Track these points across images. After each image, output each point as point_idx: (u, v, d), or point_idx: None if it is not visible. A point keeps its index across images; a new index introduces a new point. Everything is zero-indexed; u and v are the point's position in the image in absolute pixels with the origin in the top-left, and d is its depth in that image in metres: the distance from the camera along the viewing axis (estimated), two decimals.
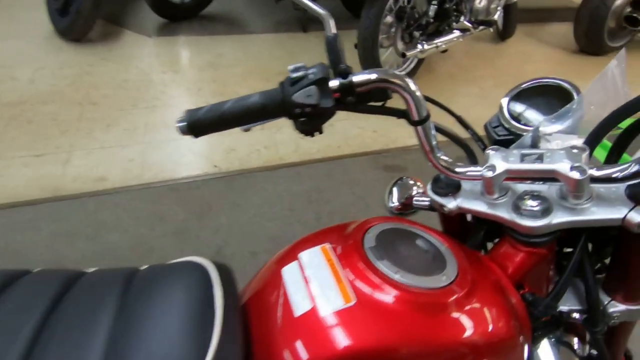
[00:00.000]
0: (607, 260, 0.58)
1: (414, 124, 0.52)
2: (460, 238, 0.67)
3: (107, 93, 2.44)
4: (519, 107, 0.62)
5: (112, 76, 2.60)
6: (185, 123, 0.50)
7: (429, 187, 0.60)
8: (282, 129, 2.32)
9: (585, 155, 0.44)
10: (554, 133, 0.51)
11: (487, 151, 0.51)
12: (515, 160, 0.48)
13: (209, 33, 3.27)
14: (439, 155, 0.54)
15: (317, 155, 2.16)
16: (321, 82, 0.47)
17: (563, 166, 0.44)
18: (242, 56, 3.02)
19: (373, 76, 0.48)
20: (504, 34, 3.58)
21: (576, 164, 0.43)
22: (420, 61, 2.77)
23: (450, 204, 0.56)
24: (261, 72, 2.84)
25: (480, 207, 0.53)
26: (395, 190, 0.78)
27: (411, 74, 2.78)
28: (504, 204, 0.51)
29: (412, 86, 0.49)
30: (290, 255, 0.52)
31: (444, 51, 2.82)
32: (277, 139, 2.24)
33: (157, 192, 1.81)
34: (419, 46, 2.52)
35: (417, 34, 2.53)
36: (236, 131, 0.56)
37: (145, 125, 2.22)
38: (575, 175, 0.43)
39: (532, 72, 3.22)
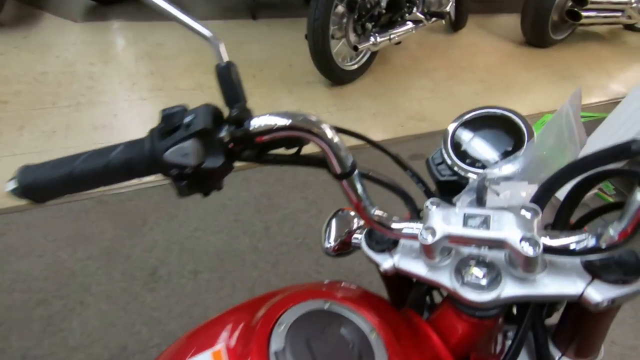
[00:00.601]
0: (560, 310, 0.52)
1: (337, 177, 0.41)
2: (402, 291, 0.59)
3: (19, 89, 2.11)
4: (465, 135, 0.54)
5: (27, 68, 2.26)
6: (17, 185, 0.36)
7: (362, 239, 0.50)
8: None
9: (537, 220, 0.36)
10: (502, 182, 0.43)
11: (427, 206, 0.42)
12: (458, 223, 0.39)
13: (147, 18, 2.95)
14: (371, 209, 0.44)
15: None
16: (204, 135, 0.35)
17: (513, 236, 0.36)
18: (184, 46, 2.76)
19: (278, 123, 0.36)
20: (456, 25, 3.58)
21: (527, 235, 0.35)
22: (374, 54, 2.69)
23: (386, 262, 0.47)
24: (207, 64, 2.61)
25: (419, 269, 0.44)
26: (333, 224, 0.68)
27: (365, 66, 2.69)
28: (447, 266, 0.43)
29: (330, 133, 0.38)
30: (179, 357, 0.40)
31: (398, 43, 2.76)
32: None
33: (81, 207, 1.59)
34: (372, 39, 2.42)
35: (369, 25, 2.43)
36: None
37: (67, 127, 1.95)
38: (528, 251, 0.34)
39: (482, 65, 3.26)
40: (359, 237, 0.63)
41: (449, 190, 0.52)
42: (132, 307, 1.32)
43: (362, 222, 0.69)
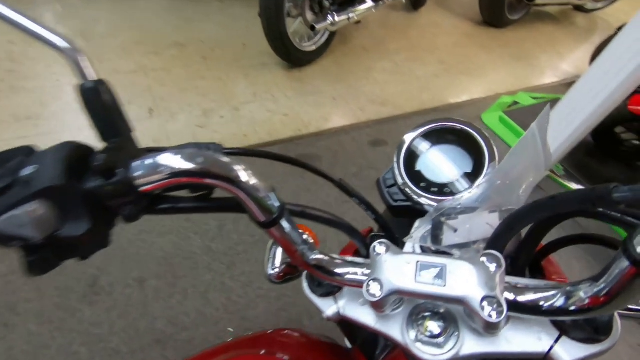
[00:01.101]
0: None
1: (262, 226, 0.33)
2: (353, 327, 0.53)
3: None
4: (421, 150, 0.47)
5: None
6: None
7: (304, 281, 0.43)
8: (176, 115, 1.97)
9: (500, 274, 0.30)
10: (460, 216, 0.36)
11: (374, 250, 0.35)
12: (409, 274, 0.32)
13: None
14: (308, 253, 0.36)
15: None
16: (54, 193, 0.24)
17: (473, 295, 0.29)
18: (123, 23, 2.48)
19: (173, 167, 0.27)
20: (416, 3, 3.51)
21: (490, 293, 0.29)
22: (333, 34, 2.56)
23: (330, 309, 0.40)
24: (149, 43, 2.37)
25: (367, 318, 0.38)
26: (279, 248, 0.60)
27: (324, 47, 2.57)
28: (398, 316, 0.36)
29: (245, 176, 0.29)
30: None
31: (358, 22, 2.65)
32: (170, 130, 1.89)
33: None
34: (330, 18, 2.29)
35: (327, 3, 2.29)
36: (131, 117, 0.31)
37: None
38: (490, 314, 0.28)
39: (442, 45, 3.23)
40: None
41: (402, 213, 0.45)
42: (69, 324, 1.18)
43: (311, 236, 0.62)
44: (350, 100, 2.41)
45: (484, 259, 0.31)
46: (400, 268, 0.32)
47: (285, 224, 0.33)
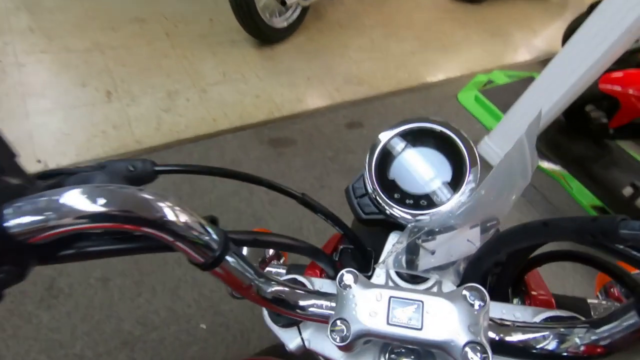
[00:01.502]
0: None
1: (204, 268, 0.27)
2: None
3: None
4: (397, 150, 0.41)
5: None
6: None
7: (264, 309, 0.37)
8: (138, 98, 1.83)
9: (484, 313, 0.26)
10: (438, 236, 0.31)
11: (340, 282, 0.29)
12: (381, 312, 0.27)
13: None
14: (264, 286, 0.31)
15: (187, 134, 1.76)
16: None
17: (454, 341, 0.25)
18: None
19: (65, 211, 0.21)
20: None
21: (473, 338, 0.25)
22: (306, 9, 2.42)
23: (293, 342, 0.35)
24: (105, 18, 2.16)
25: (335, 353, 0.33)
26: (244, 252, 0.55)
27: (296, 23, 2.43)
28: (369, 351, 0.32)
29: (172, 215, 0.23)
30: None
31: None
32: (131, 115, 1.75)
33: None
34: None
35: None
36: (72, 103, 0.24)
37: None
38: None
39: (419, 21, 3.14)
40: (274, 271, 0.50)
41: (375, 226, 0.40)
42: (25, 331, 1.10)
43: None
44: (326, 79, 2.32)
45: (466, 293, 0.26)
46: (370, 305, 0.27)
47: (231, 258, 0.28)
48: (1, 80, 1.70)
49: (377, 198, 0.37)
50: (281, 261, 0.56)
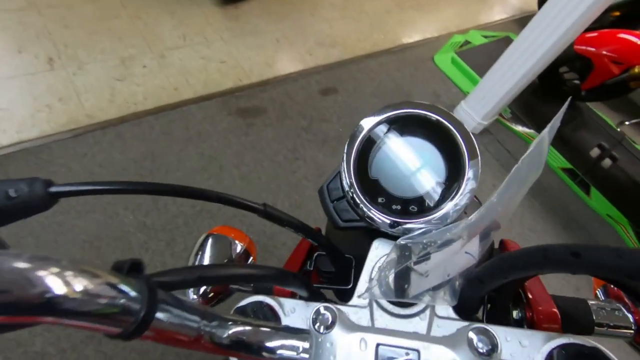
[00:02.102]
0: None
1: (125, 338, 0.19)
2: None
3: None
4: (383, 134, 0.34)
5: None
6: None
7: None
8: (86, 66, 1.63)
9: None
10: (433, 253, 0.25)
11: (315, 319, 0.23)
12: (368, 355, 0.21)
13: None
14: (218, 331, 0.24)
15: (146, 105, 1.61)
16: None
17: None
18: None
19: None
20: None
21: None
22: None
23: None
24: None
25: None
26: (207, 253, 0.48)
27: None
28: None
29: (62, 288, 0.15)
30: None
31: None
32: (79, 85, 1.57)
33: None
34: None
35: None
36: (7, 73, 0.15)
37: None
38: None
39: None
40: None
41: (355, 233, 0.34)
42: None
43: (245, 244, 0.50)
44: (297, 41, 2.16)
45: (473, 337, 0.21)
46: (352, 357, 0.21)
47: (163, 313, 0.20)
48: None
49: (357, 202, 0.30)
50: (249, 262, 0.49)
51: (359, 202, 0.30)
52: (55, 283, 0.16)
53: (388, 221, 0.29)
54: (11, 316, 0.15)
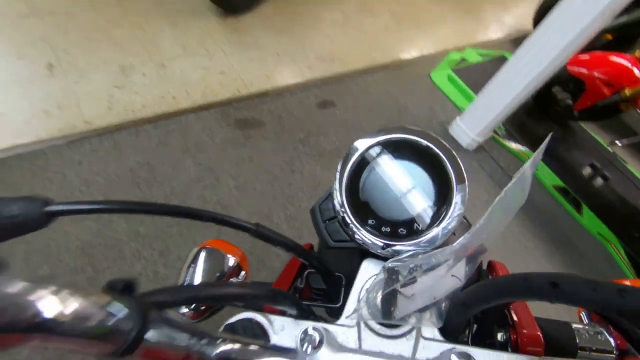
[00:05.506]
0: None
1: (117, 357, 0.20)
2: None
3: None
4: (371, 167, 0.35)
5: None
6: None
7: None
8: (85, 73, 1.64)
9: None
10: (420, 277, 0.26)
11: (302, 340, 0.24)
12: None
13: None
14: (208, 349, 0.25)
15: (144, 113, 1.62)
16: None
17: None
18: None
19: None
20: None
21: None
22: None
23: None
24: None
25: None
26: (199, 268, 0.48)
27: None
28: None
29: (52, 309, 0.16)
30: None
31: None
32: (79, 92, 1.58)
33: None
34: None
35: None
36: (5, 78, 0.15)
37: None
38: None
39: None
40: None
41: (345, 252, 0.35)
42: None
43: (238, 258, 0.50)
44: (297, 55, 2.19)
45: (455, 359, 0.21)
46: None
47: (154, 332, 0.21)
48: None
49: (347, 222, 0.31)
50: (241, 276, 0.50)
51: (349, 222, 0.31)
52: (46, 306, 0.16)
53: (378, 243, 0.30)
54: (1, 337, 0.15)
